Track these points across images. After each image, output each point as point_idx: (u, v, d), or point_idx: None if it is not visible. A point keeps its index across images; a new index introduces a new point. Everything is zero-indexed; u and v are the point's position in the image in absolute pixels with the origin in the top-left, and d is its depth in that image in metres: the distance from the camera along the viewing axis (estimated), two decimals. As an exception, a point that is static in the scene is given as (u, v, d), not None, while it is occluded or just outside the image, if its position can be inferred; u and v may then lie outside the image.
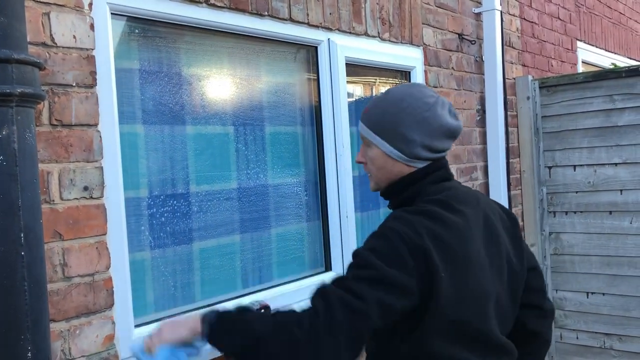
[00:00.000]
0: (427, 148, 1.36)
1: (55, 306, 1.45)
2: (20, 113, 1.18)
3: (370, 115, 1.41)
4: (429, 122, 1.34)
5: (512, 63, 3.69)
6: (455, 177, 1.47)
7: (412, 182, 1.39)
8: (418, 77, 2.83)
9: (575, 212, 3.54)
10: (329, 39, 2.35)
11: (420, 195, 1.37)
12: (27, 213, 1.18)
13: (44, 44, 1.45)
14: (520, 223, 3.65)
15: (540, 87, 3.61)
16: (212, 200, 1.98)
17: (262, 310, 1.92)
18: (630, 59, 5.82)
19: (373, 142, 1.39)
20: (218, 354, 1.76)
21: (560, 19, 4.36)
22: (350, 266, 1.25)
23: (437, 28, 2.98)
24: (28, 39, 1.33)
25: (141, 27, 1.78)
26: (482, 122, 3.32)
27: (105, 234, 1.57)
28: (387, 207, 1.53)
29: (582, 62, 4.76)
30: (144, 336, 1.36)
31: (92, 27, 1.55)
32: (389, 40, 2.65)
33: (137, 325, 1.69)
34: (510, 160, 3.52)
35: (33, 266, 1.19)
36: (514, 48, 3.73)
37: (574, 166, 3.51)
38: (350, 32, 2.43)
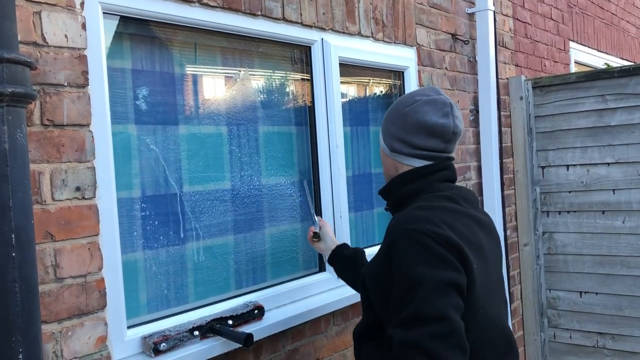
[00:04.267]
0: (405, 143, 1.39)
1: (46, 307, 1.44)
2: (11, 113, 1.17)
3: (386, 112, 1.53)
4: (407, 117, 1.39)
5: (505, 63, 3.70)
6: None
7: (417, 177, 1.39)
8: (411, 78, 2.83)
9: (568, 212, 3.55)
10: (322, 38, 2.34)
11: (424, 191, 1.37)
12: (18, 214, 1.17)
13: (35, 44, 1.44)
14: (514, 223, 3.66)
15: (533, 87, 3.62)
16: (205, 200, 1.97)
17: (256, 312, 1.92)
18: (622, 59, 5.86)
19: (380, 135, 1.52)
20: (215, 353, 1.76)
21: (553, 20, 4.38)
22: (406, 290, 1.16)
23: (430, 28, 2.98)
24: (19, 39, 1.32)
25: (134, 27, 1.77)
26: (475, 122, 3.32)
27: (97, 234, 1.56)
28: (385, 209, 1.51)
29: (575, 62, 4.78)
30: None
31: (84, 26, 1.54)
32: (383, 41, 2.65)
33: (129, 327, 1.68)
34: (504, 160, 3.53)
35: (24, 267, 1.18)
36: (507, 48, 3.74)
37: (567, 166, 3.53)
38: (343, 32, 2.43)
